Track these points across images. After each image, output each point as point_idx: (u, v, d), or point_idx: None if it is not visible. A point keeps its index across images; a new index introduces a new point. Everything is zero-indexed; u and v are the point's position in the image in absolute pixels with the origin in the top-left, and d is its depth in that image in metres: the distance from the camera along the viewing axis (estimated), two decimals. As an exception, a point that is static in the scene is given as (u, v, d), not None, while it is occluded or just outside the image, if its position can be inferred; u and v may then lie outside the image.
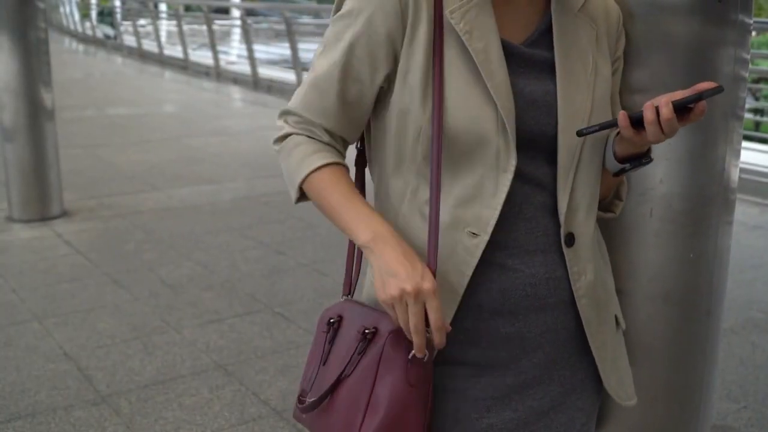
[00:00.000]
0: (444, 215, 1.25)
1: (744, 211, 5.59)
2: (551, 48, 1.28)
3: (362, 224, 1.23)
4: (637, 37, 1.44)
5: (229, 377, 3.29)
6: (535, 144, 1.26)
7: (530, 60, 1.27)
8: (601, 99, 1.30)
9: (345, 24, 1.26)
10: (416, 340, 1.18)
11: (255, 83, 13.01)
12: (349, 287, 1.39)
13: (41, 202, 5.55)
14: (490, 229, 1.25)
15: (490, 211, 1.25)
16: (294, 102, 1.33)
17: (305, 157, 1.28)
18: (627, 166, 1.30)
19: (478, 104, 1.22)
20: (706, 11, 1.46)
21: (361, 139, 1.38)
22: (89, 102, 11.27)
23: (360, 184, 1.36)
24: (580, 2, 1.31)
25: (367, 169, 1.40)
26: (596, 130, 1.23)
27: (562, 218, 1.28)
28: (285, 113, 1.34)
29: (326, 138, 1.30)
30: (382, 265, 1.19)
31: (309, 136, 1.30)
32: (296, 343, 3.62)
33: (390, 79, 1.27)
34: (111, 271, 4.53)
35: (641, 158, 1.30)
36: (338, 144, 1.32)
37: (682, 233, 1.50)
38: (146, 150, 8.04)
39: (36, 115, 5.45)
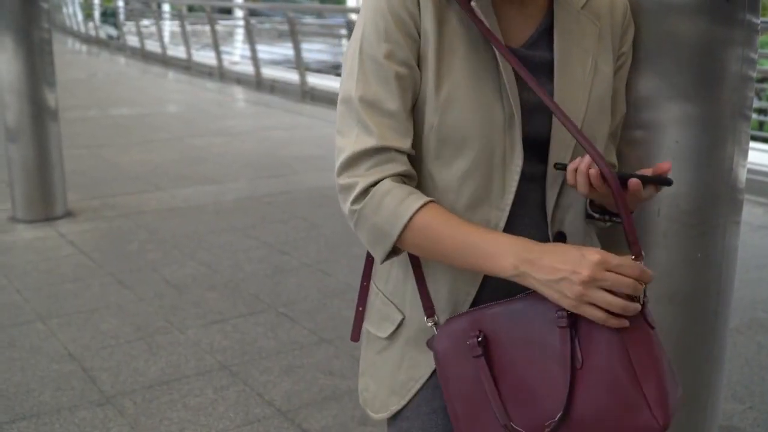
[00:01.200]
0: None
1: (749, 211, 5.57)
2: (551, 48, 1.27)
3: (499, 256, 1.14)
4: (644, 36, 1.43)
5: (234, 378, 3.29)
6: (531, 145, 1.25)
7: (529, 63, 1.25)
8: (597, 99, 1.29)
9: (374, 43, 1.22)
10: (637, 291, 1.09)
11: (258, 83, 13.01)
12: (432, 309, 1.29)
13: (45, 203, 5.56)
14: (500, 231, 1.24)
15: (498, 213, 1.25)
16: (360, 141, 1.21)
17: (402, 201, 1.18)
18: (596, 216, 1.29)
19: (486, 105, 1.21)
20: (713, 11, 1.46)
21: None
22: (92, 102, 11.28)
23: None
24: (582, 0, 1.29)
25: None
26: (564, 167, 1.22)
27: (549, 217, 1.28)
28: (351, 163, 1.21)
29: (403, 165, 1.22)
30: (545, 282, 1.11)
31: (392, 178, 1.20)
32: (300, 344, 3.61)
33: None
34: (115, 271, 4.53)
35: (613, 215, 1.28)
36: (413, 171, 1.24)
37: (689, 233, 1.49)
38: (149, 150, 8.05)
39: (39, 115, 5.45)
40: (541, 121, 1.25)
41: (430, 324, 1.28)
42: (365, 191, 1.20)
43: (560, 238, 1.29)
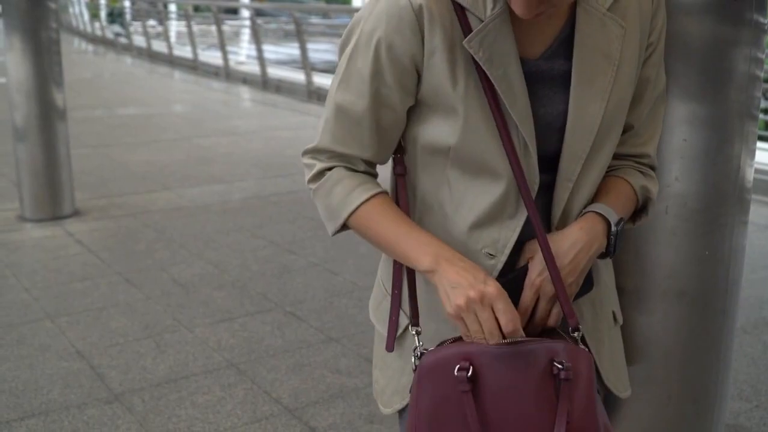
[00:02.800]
0: (461, 234, 1.26)
1: (755, 211, 5.53)
2: (570, 57, 1.23)
3: (421, 250, 1.21)
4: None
5: (241, 376, 3.30)
6: (542, 157, 1.24)
7: (547, 75, 1.23)
8: (615, 107, 1.26)
9: (363, 53, 1.22)
10: (492, 338, 1.16)
11: (264, 83, 13.03)
12: (417, 318, 1.31)
13: (53, 202, 5.58)
14: (507, 251, 1.25)
15: (508, 233, 1.25)
16: (323, 139, 1.28)
17: (349, 192, 1.26)
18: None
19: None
20: (720, 10, 1.46)
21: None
22: (99, 102, 11.31)
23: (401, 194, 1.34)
24: (608, 1, 1.23)
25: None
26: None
27: (554, 225, 1.28)
28: (313, 152, 1.31)
29: (362, 167, 1.29)
30: (444, 281, 1.18)
31: (347, 168, 1.28)
32: (307, 342, 3.63)
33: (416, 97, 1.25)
34: (123, 270, 4.55)
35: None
36: (373, 168, 1.31)
37: (697, 231, 1.50)
38: (156, 150, 8.07)
39: (47, 115, 5.47)
40: (554, 136, 1.24)
41: (413, 332, 1.29)
42: (321, 173, 1.29)
43: None
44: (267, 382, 3.26)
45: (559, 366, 1.15)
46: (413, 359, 1.24)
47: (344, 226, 1.29)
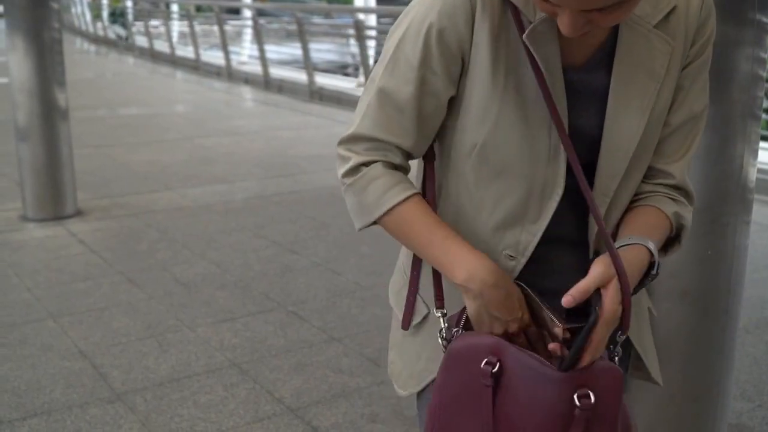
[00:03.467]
0: (485, 234, 1.26)
1: (757, 211, 5.52)
2: (611, 70, 1.21)
3: (456, 262, 1.21)
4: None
5: (243, 375, 3.31)
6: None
7: (587, 86, 1.22)
8: (654, 125, 1.24)
9: (413, 40, 1.21)
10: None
11: (266, 83, 13.04)
12: (442, 300, 1.31)
13: (55, 202, 5.58)
14: (528, 253, 1.25)
15: (529, 237, 1.25)
16: (363, 125, 1.25)
17: (386, 191, 1.24)
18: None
19: (531, 136, 1.19)
20: (723, 10, 1.46)
21: None
22: (101, 102, 11.32)
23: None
24: (657, 17, 1.20)
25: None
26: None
27: (591, 239, 1.28)
28: (351, 140, 1.27)
29: (398, 158, 1.26)
30: (481, 308, 1.20)
31: (384, 164, 1.26)
32: (310, 342, 3.63)
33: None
34: (125, 269, 4.56)
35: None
36: (408, 162, 1.29)
37: (699, 231, 1.50)
38: (159, 150, 8.08)
39: (50, 114, 5.48)
40: (588, 147, 1.22)
41: (438, 315, 1.29)
42: (356, 168, 1.26)
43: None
44: (269, 381, 3.26)
45: (578, 403, 1.11)
46: (440, 341, 1.26)
47: (374, 223, 1.28)
